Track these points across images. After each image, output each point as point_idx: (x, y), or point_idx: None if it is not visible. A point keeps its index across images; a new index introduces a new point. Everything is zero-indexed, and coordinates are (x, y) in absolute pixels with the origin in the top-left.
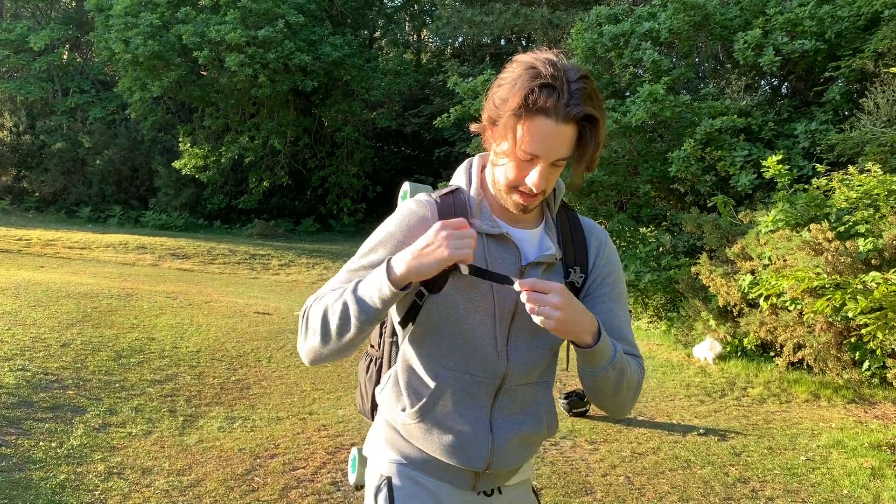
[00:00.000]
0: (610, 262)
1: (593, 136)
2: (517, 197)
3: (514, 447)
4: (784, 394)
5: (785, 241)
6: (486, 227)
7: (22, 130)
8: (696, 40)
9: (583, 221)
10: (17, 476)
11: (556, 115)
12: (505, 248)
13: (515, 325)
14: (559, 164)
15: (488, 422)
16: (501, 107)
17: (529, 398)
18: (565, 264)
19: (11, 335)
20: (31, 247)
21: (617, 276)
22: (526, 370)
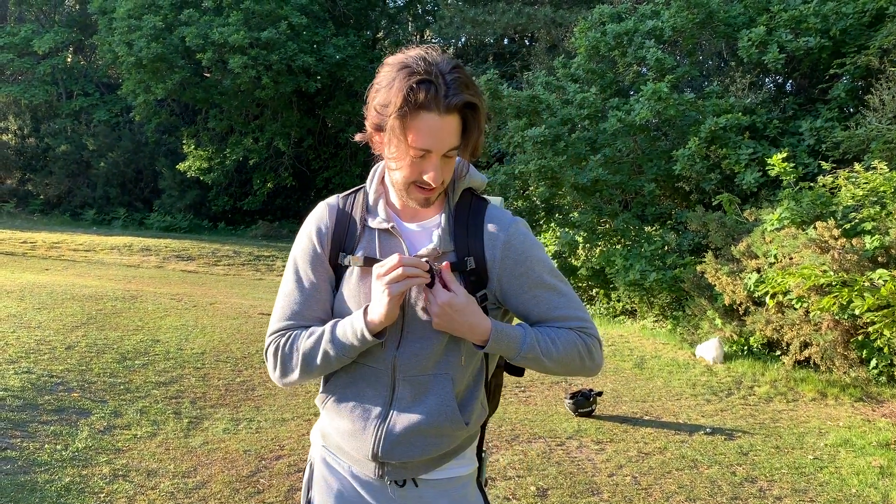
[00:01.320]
0: (517, 253)
1: (476, 122)
2: (417, 193)
3: (408, 438)
4: (791, 392)
5: (791, 239)
6: (376, 222)
7: (26, 133)
8: (700, 38)
9: (488, 212)
10: (22, 479)
11: (439, 108)
12: (394, 242)
13: (408, 314)
14: (451, 155)
15: (384, 410)
16: (384, 111)
17: (427, 389)
18: (458, 254)
19: (16, 338)
20: (36, 249)
21: (528, 265)
22: (418, 361)
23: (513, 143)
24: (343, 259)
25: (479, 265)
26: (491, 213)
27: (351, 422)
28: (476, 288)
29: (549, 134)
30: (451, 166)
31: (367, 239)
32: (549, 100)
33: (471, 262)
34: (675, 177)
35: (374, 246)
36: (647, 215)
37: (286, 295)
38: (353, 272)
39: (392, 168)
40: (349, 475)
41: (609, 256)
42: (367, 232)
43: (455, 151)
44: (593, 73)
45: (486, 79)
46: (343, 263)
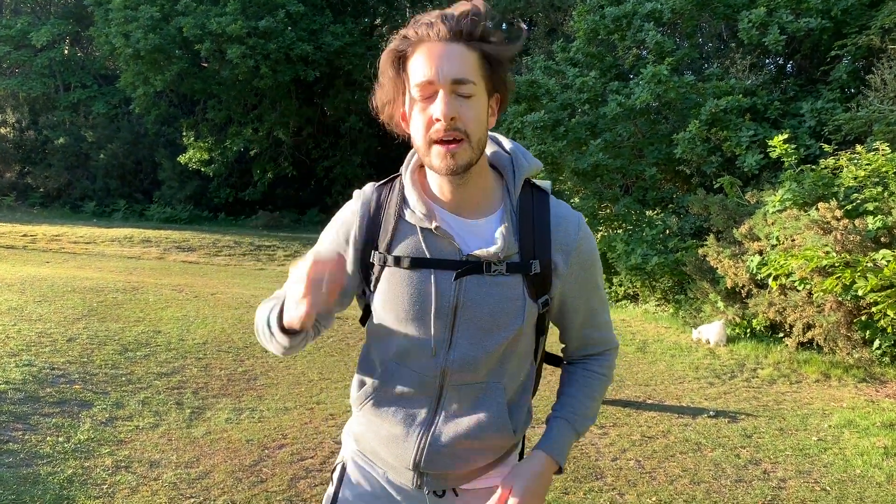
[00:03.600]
0: (585, 260)
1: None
2: (439, 148)
3: (453, 448)
4: (794, 374)
5: (793, 221)
6: (416, 218)
7: (25, 126)
8: (700, 20)
9: (554, 209)
10: (24, 471)
11: (439, 35)
12: (444, 241)
13: (460, 318)
14: (465, 92)
15: (427, 419)
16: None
17: (476, 399)
18: (522, 255)
19: (17, 330)
20: (37, 242)
21: (592, 271)
22: (469, 368)
23: (512, 128)
24: (374, 257)
25: (544, 270)
26: (557, 210)
27: (391, 427)
28: (539, 293)
29: (549, 119)
30: (476, 111)
31: (405, 235)
32: (548, 84)
33: (536, 266)
34: (675, 160)
35: (421, 246)
36: (649, 199)
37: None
38: (394, 273)
39: (412, 135)
40: (384, 481)
41: (610, 241)
42: (404, 226)
43: (470, 87)
44: (593, 56)
45: None
46: (373, 262)
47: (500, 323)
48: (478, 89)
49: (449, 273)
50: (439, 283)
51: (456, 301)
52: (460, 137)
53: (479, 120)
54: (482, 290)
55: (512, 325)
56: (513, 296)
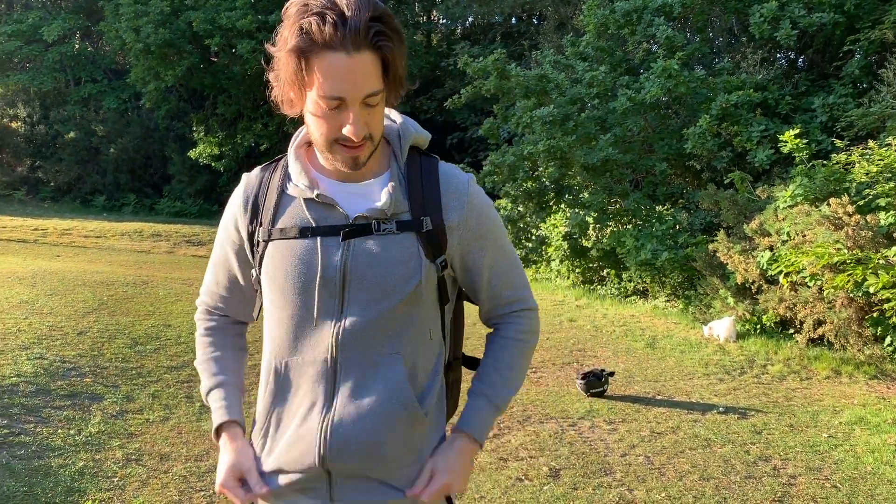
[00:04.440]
0: (478, 213)
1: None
2: (342, 152)
3: (358, 433)
4: (804, 371)
5: (804, 216)
6: (298, 190)
7: (36, 121)
8: (711, 14)
9: (442, 170)
10: (36, 463)
11: (346, 46)
12: (328, 208)
13: (350, 285)
14: (373, 102)
15: (326, 405)
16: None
17: (375, 374)
18: (413, 214)
19: (29, 324)
20: (48, 236)
21: (488, 226)
22: (362, 338)
23: (521, 123)
24: (258, 233)
25: (436, 227)
26: (445, 170)
27: (291, 430)
28: (435, 253)
29: (558, 113)
30: (379, 116)
31: (287, 208)
32: (557, 79)
33: (427, 223)
34: (686, 155)
35: (305, 215)
36: (659, 195)
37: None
38: (278, 245)
39: (310, 125)
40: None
41: (620, 237)
42: (286, 199)
43: (378, 97)
44: (602, 51)
45: (493, 59)
46: (259, 238)
47: (395, 285)
48: (383, 93)
49: (335, 238)
50: (325, 248)
51: (344, 266)
52: (366, 141)
53: (380, 120)
54: (373, 251)
55: (407, 285)
56: (407, 255)
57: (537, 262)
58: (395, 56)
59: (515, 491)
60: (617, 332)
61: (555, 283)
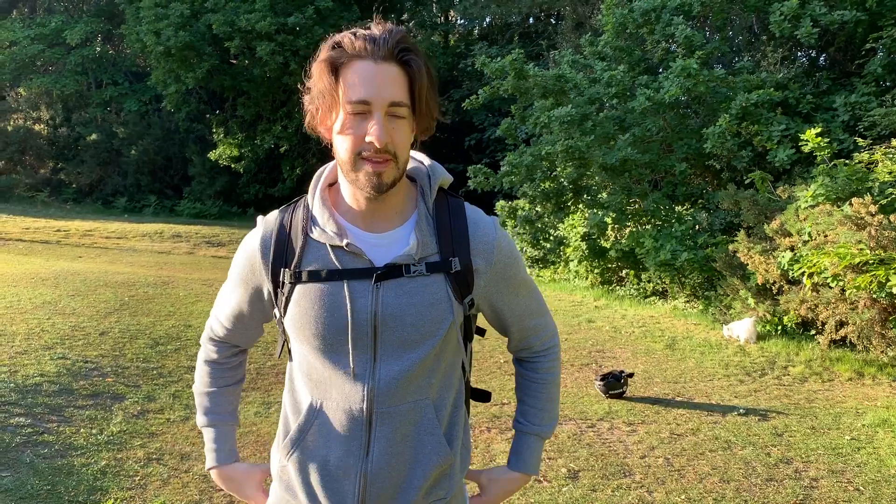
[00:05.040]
0: (506, 256)
1: (422, 77)
2: (367, 167)
3: (395, 480)
4: (826, 372)
5: (826, 216)
6: (326, 236)
7: (58, 123)
8: (730, 13)
9: (469, 213)
10: (59, 462)
11: (374, 55)
12: (355, 257)
13: (382, 332)
14: (398, 113)
15: (361, 454)
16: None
17: (408, 421)
18: (442, 255)
19: (52, 324)
20: (70, 237)
21: (515, 268)
22: (397, 387)
23: (539, 123)
24: (283, 275)
25: (464, 267)
26: (472, 214)
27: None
28: (463, 293)
29: (577, 113)
30: (405, 134)
31: (314, 253)
32: (575, 79)
33: (455, 264)
34: (705, 155)
35: (332, 260)
36: (678, 195)
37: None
38: (306, 289)
39: (337, 146)
40: None
41: (639, 237)
42: (312, 244)
43: (404, 110)
44: (621, 50)
45: (511, 59)
46: (283, 280)
47: (427, 330)
48: (408, 112)
49: (364, 283)
50: (354, 293)
51: (375, 313)
52: (389, 158)
53: (406, 141)
54: (403, 296)
55: (440, 329)
56: (437, 298)
57: (555, 262)
58: (422, 81)
59: (534, 492)
60: (636, 333)
61: (573, 284)
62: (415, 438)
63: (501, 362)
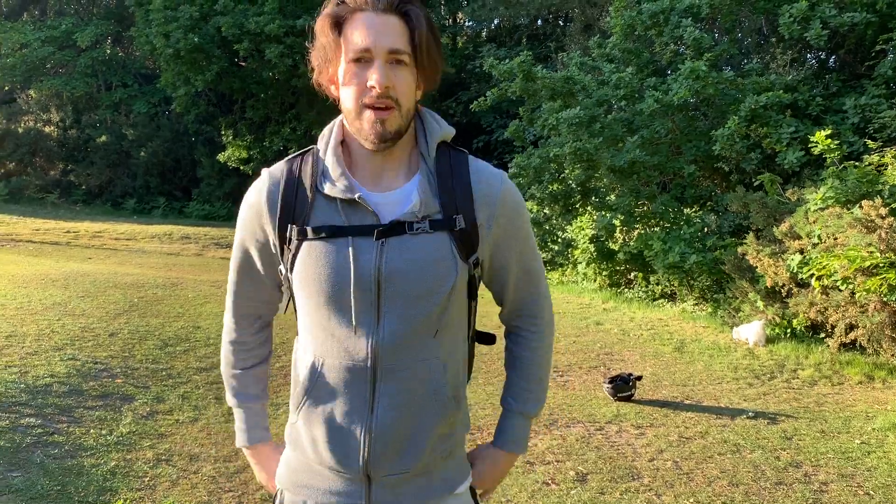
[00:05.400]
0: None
1: (424, 29)
2: (370, 114)
3: (401, 440)
4: (836, 376)
5: (835, 219)
6: (337, 190)
7: (68, 125)
8: (739, 15)
9: (473, 165)
10: (69, 463)
11: (375, 6)
12: (363, 213)
13: (386, 289)
14: (399, 61)
15: (365, 412)
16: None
17: (415, 380)
18: (445, 213)
19: (62, 325)
20: (79, 238)
21: (520, 223)
22: (402, 345)
23: (547, 125)
24: (290, 231)
25: (469, 225)
26: (476, 165)
27: (329, 431)
28: (468, 252)
29: (585, 115)
30: (407, 81)
31: (323, 208)
32: (584, 81)
33: (460, 221)
34: (714, 157)
35: (340, 216)
36: (687, 197)
37: (234, 283)
38: (312, 246)
39: (342, 98)
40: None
41: (647, 239)
42: (321, 200)
43: (405, 57)
44: (629, 52)
45: (519, 61)
46: (290, 236)
47: (431, 287)
48: (410, 61)
49: (368, 240)
50: (358, 250)
51: (378, 269)
52: (391, 105)
53: (409, 90)
54: (406, 253)
55: (443, 286)
56: (441, 255)
57: (563, 264)
58: (422, 31)
59: (542, 495)
60: (644, 336)
61: (581, 286)
62: (422, 396)
63: None
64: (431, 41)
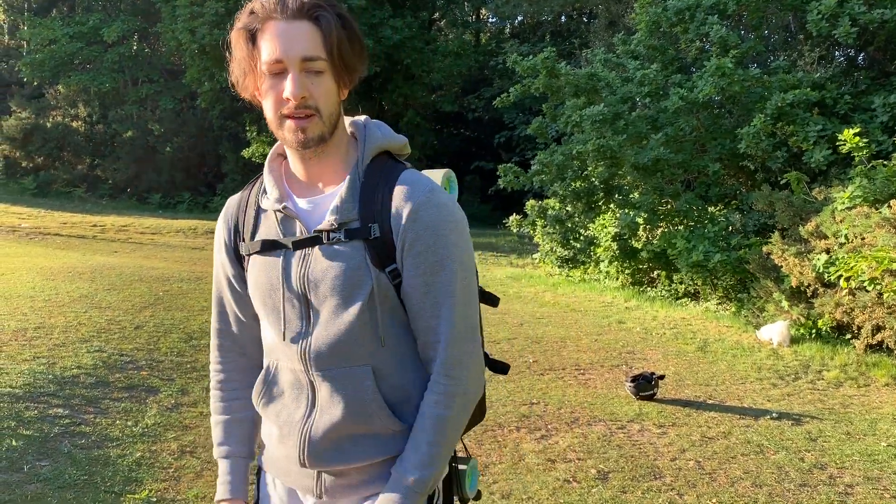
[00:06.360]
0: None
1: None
2: (290, 123)
3: (333, 440)
4: (862, 377)
5: (863, 219)
6: (269, 202)
7: (95, 120)
8: (766, 11)
9: (403, 178)
10: (95, 453)
11: (285, 14)
12: (291, 223)
13: (312, 299)
14: (314, 68)
15: (306, 413)
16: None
17: (345, 385)
18: (362, 220)
19: (88, 317)
20: (106, 232)
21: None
22: (327, 354)
23: (570, 122)
24: (242, 248)
25: (384, 234)
26: (407, 177)
27: (279, 427)
28: (384, 262)
29: (609, 112)
30: (325, 88)
31: (264, 222)
32: (608, 77)
33: (375, 230)
34: (739, 155)
35: (276, 229)
36: (711, 196)
37: (215, 310)
38: (255, 260)
39: (264, 109)
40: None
41: (671, 238)
42: (262, 214)
43: (319, 64)
44: (654, 49)
45: (543, 57)
46: (242, 253)
47: (349, 296)
48: (327, 66)
49: (298, 250)
50: (288, 262)
51: (302, 279)
52: (311, 113)
53: (328, 95)
54: (324, 262)
55: (360, 295)
56: (355, 264)
57: (586, 262)
58: (336, 34)
59: (563, 493)
60: (667, 335)
61: (603, 284)
62: (349, 406)
63: (531, 361)
64: (346, 43)
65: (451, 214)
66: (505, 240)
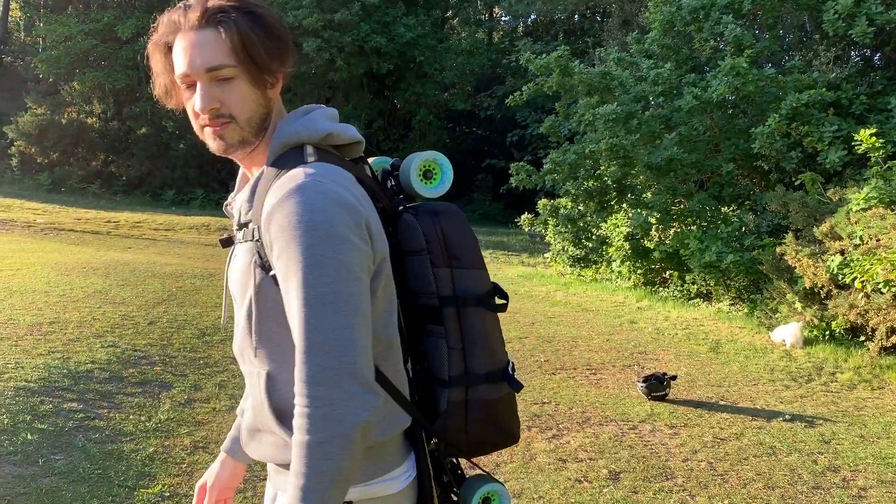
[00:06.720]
0: (275, 231)
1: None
2: (209, 131)
3: (249, 433)
4: (876, 380)
5: (878, 220)
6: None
7: (110, 117)
8: (782, 11)
9: (288, 173)
10: (109, 447)
11: (190, 24)
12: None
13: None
14: (222, 76)
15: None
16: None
17: (252, 384)
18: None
19: (102, 313)
20: (119, 228)
21: (286, 250)
22: (238, 352)
23: (583, 121)
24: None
25: (261, 236)
26: (289, 173)
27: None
28: (267, 265)
29: (622, 111)
30: (239, 94)
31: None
32: (621, 76)
33: (256, 232)
34: (753, 156)
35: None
36: (724, 196)
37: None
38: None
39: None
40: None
41: (683, 238)
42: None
43: (228, 70)
44: (668, 48)
45: (556, 56)
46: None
47: (240, 299)
48: (238, 71)
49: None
50: (230, 259)
51: (226, 277)
52: (226, 121)
53: (244, 100)
54: (233, 262)
55: (245, 300)
56: (244, 266)
57: (597, 262)
58: (243, 37)
59: (574, 493)
60: (679, 336)
61: (615, 284)
62: (255, 404)
63: (542, 361)
64: (256, 43)
65: (306, 213)
66: (516, 238)
